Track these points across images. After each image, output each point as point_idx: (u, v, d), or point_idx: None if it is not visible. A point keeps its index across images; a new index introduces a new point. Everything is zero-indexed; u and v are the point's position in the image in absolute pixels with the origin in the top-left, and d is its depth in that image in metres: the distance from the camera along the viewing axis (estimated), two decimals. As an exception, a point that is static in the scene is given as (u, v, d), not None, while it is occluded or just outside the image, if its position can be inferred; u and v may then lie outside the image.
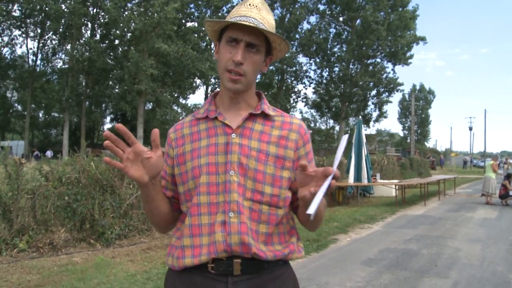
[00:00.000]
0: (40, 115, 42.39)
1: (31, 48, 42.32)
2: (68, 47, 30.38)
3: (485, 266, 6.14)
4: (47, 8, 27.29)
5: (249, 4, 1.49)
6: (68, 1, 27.60)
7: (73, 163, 6.98)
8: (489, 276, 5.64)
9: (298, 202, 1.56)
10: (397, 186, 14.16)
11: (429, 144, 76.11)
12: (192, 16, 32.50)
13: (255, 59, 1.47)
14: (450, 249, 7.12)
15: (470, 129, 66.39)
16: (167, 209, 1.56)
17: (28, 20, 30.03)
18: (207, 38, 32.70)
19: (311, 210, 1.20)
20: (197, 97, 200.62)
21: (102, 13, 30.12)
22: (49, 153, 33.82)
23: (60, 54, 32.39)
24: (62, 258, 5.91)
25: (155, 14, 24.94)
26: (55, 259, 5.85)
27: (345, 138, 1.34)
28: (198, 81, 35.52)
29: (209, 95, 23.12)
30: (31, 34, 31.23)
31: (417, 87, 72.22)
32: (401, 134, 75.50)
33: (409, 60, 35.45)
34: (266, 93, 41.00)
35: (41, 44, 31.58)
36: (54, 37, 31.46)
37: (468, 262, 6.31)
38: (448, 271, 5.83)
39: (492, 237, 8.34)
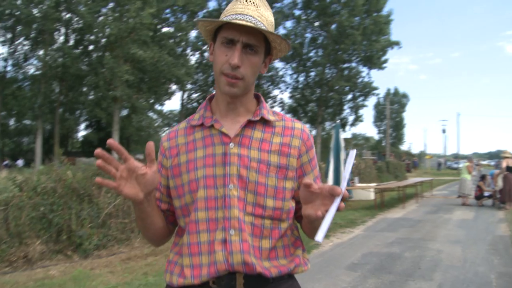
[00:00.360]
0: (11, 122, 41.33)
1: (1, 54, 41.32)
2: (41, 52, 29.72)
3: (467, 267, 6.17)
4: (17, 13, 26.64)
5: (246, 1, 1.37)
6: (40, 6, 27.02)
7: (48, 172, 6.76)
8: (472, 277, 5.67)
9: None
10: (376, 190, 14.24)
11: (404, 147, 77.23)
12: (167, 22, 32.23)
13: (254, 61, 1.36)
14: (432, 251, 7.14)
15: (444, 131, 67.72)
16: (162, 224, 1.46)
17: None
18: (183, 43, 32.53)
19: (319, 237, 1.10)
20: (173, 103, 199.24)
21: (76, 18, 29.58)
22: (20, 162, 33.03)
23: (32, 60, 31.65)
24: (37, 272, 5.68)
25: (130, 20, 24.64)
26: (30, 273, 5.61)
27: (352, 154, 1.22)
28: (174, 87, 35.27)
29: (184, 101, 22.68)
30: (1, 39, 30.42)
31: (392, 91, 73.30)
32: (376, 137, 76.41)
33: (384, 65, 35.92)
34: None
35: (11, 50, 30.80)
36: (25, 42, 30.70)
37: (450, 264, 6.33)
38: (432, 273, 5.83)
39: (471, 238, 8.42)
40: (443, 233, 8.94)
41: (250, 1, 1.37)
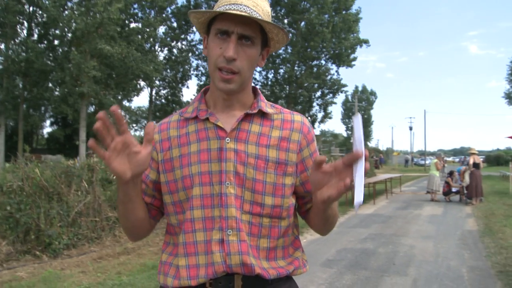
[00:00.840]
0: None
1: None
2: (2, 46, 28.72)
3: (439, 262, 6.27)
4: (-25, 4, 25.66)
5: None
6: (0, -3, 26.11)
7: (15, 170, 6.50)
8: (445, 271, 5.76)
9: (307, 206, 1.43)
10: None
11: (372, 143, 78.47)
12: (135, 17, 31.67)
13: (250, 53, 1.28)
14: (405, 247, 7.23)
15: (410, 128, 69.10)
16: (144, 215, 1.37)
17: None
18: (151, 39, 32.02)
19: (359, 197, 1.02)
20: (141, 100, 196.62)
21: (40, 12, 28.72)
22: (-18, 160, 31.86)
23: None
24: (4, 274, 5.45)
25: (98, 14, 24.05)
26: (-4, 275, 5.40)
27: (358, 117, 1.14)
28: (142, 83, 34.71)
29: (153, 97, 22.24)
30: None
31: (360, 89, 74.30)
32: (345, 134, 77.37)
33: (353, 62, 36.27)
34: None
35: (-30, 43, 29.60)
36: (-15, 36, 29.57)
37: (423, 259, 6.43)
38: (406, 268, 5.89)
39: (441, 233, 8.59)
40: (414, 229, 9.08)
41: None
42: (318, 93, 37.83)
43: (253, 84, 1.44)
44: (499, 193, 16.69)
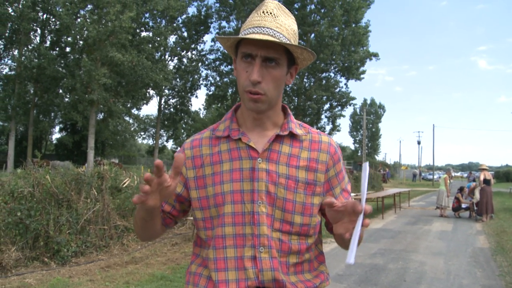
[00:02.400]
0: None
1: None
2: (16, 52, 29.05)
3: (451, 279, 6.17)
4: (-9, 11, 25.99)
5: (263, 12, 1.32)
6: (15, 5, 26.46)
7: (26, 176, 6.50)
8: (457, 290, 5.66)
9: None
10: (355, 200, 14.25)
11: (379, 157, 78.14)
12: (147, 26, 31.93)
13: (275, 74, 1.31)
14: (415, 263, 7.13)
15: (419, 143, 68.51)
16: (160, 226, 1.45)
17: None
18: (162, 48, 32.23)
19: (350, 259, 1.08)
20: (150, 108, 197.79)
21: (53, 19, 29.06)
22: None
23: (6, 60, 30.89)
24: (12, 280, 5.43)
25: (109, 23, 24.27)
26: (4, 281, 5.36)
27: (366, 166, 1.17)
28: (151, 91, 34.93)
29: (162, 106, 22.59)
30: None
31: (368, 102, 74.17)
32: (352, 147, 77.17)
33: (362, 75, 36.30)
34: (219, 105, 40.80)
35: (-16, 49, 29.98)
36: (-1, 41, 29.96)
37: (435, 276, 6.33)
38: (418, 286, 5.80)
39: (452, 250, 8.47)
40: (424, 245, 8.97)
41: (267, 12, 1.33)
42: (327, 106, 37.92)
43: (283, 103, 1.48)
44: (509, 210, 16.48)
